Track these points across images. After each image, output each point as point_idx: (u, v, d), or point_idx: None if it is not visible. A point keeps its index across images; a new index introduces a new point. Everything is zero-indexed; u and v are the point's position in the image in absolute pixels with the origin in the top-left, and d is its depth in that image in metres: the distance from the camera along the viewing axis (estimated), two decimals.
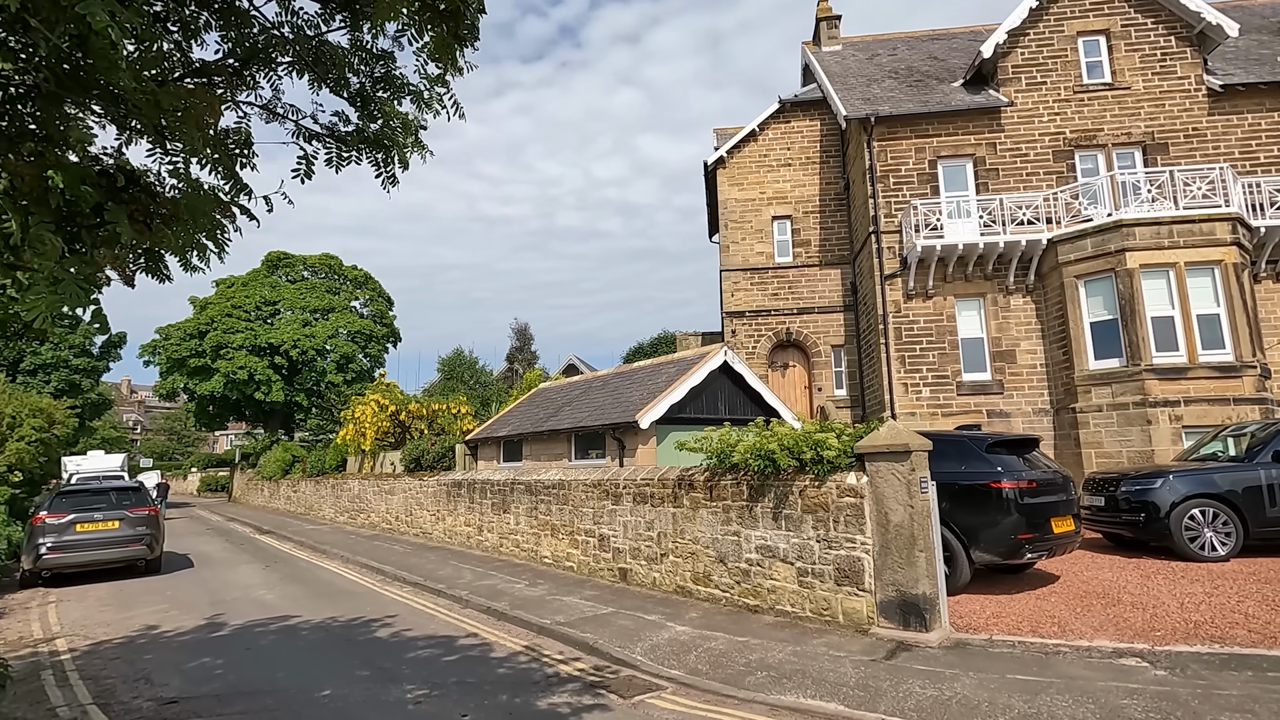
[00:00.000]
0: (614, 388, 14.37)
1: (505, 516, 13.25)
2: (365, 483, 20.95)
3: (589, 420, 13.12)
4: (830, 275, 20.51)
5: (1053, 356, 16.43)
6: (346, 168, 3.29)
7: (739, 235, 20.93)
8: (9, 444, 17.92)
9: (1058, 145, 17.47)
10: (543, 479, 12.19)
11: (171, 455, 76.05)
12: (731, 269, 20.85)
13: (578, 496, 11.20)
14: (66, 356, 34.78)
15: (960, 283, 17.17)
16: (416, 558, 13.57)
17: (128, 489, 13.28)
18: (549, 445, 14.38)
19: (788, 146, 21.15)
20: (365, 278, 48.20)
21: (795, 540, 7.72)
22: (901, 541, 6.84)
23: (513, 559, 12.75)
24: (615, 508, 10.39)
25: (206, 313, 41.19)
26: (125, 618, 9.15)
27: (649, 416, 11.73)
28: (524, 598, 9.43)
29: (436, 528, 16.09)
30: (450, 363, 40.16)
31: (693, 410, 12.71)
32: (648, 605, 8.67)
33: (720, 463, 8.63)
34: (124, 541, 12.46)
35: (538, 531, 12.20)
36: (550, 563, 11.78)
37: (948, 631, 6.81)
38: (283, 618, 8.88)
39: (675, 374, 12.90)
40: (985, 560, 8.17)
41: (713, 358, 12.93)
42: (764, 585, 8.03)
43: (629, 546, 10.08)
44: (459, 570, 11.86)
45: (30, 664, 7.08)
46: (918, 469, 6.93)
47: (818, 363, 20.25)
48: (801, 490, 7.69)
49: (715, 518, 8.71)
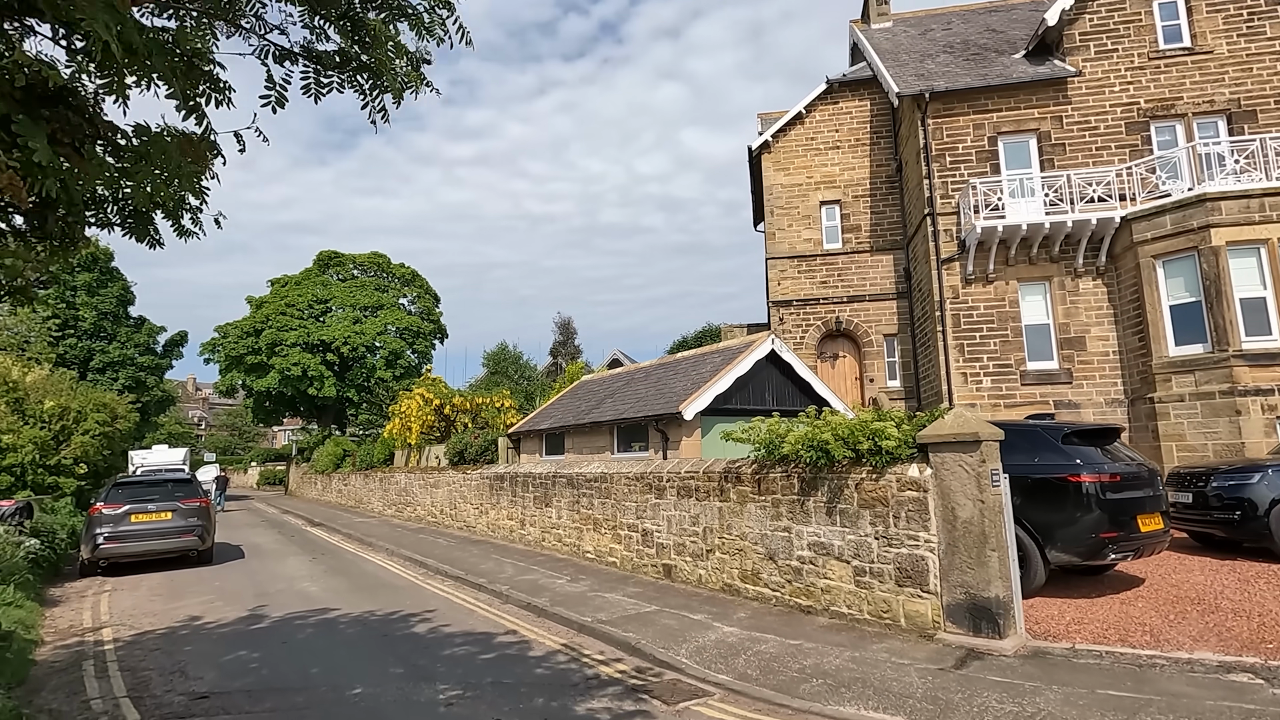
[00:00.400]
0: (657, 379, 13.97)
1: (547, 510, 13.01)
2: (411, 476, 21.08)
3: (631, 412, 12.76)
4: (882, 261, 19.65)
5: (1127, 343, 15.32)
6: (329, 96, 2.90)
7: (785, 222, 20.24)
8: (74, 437, 18.60)
9: (1131, 117, 16.27)
10: (584, 472, 11.89)
11: (233, 450, 78.97)
12: (778, 257, 20.19)
13: (620, 490, 10.85)
14: (132, 355, 36.21)
15: (1024, 266, 16.17)
16: (459, 551, 13.45)
17: (181, 480, 13.52)
18: (591, 438, 14.07)
19: (836, 128, 20.34)
20: (412, 275, 48.93)
21: (851, 537, 7.19)
22: (971, 539, 6.25)
23: (555, 554, 12.49)
24: (658, 502, 9.99)
25: (262, 311, 42.41)
26: (172, 608, 9.20)
27: (693, 408, 11.29)
28: (564, 594, 9.13)
29: (480, 521, 15.99)
30: (495, 357, 40.41)
31: (739, 401, 12.21)
32: (693, 604, 8.26)
33: (769, 454, 8.15)
34: (177, 532, 12.66)
35: (579, 526, 11.91)
36: (592, 558, 11.47)
37: (1023, 639, 6.20)
38: (322, 610, 8.78)
39: (720, 364, 12.42)
40: (1063, 561, 7.49)
41: (759, 346, 12.39)
42: (817, 585, 7.53)
43: (673, 542, 9.67)
44: (500, 565, 11.66)
45: (75, 653, 7.09)
46: (988, 460, 6.32)
47: (869, 353, 19.44)
48: (858, 483, 7.15)
49: (764, 512, 8.23)
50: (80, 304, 35.21)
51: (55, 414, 18.55)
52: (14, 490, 17.28)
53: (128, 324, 37.40)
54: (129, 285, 38.12)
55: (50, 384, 19.67)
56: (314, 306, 43.69)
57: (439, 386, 21.77)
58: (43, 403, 18.36)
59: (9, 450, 17.42)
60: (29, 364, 20.17)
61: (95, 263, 36.19)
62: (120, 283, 37.37)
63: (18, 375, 18.89)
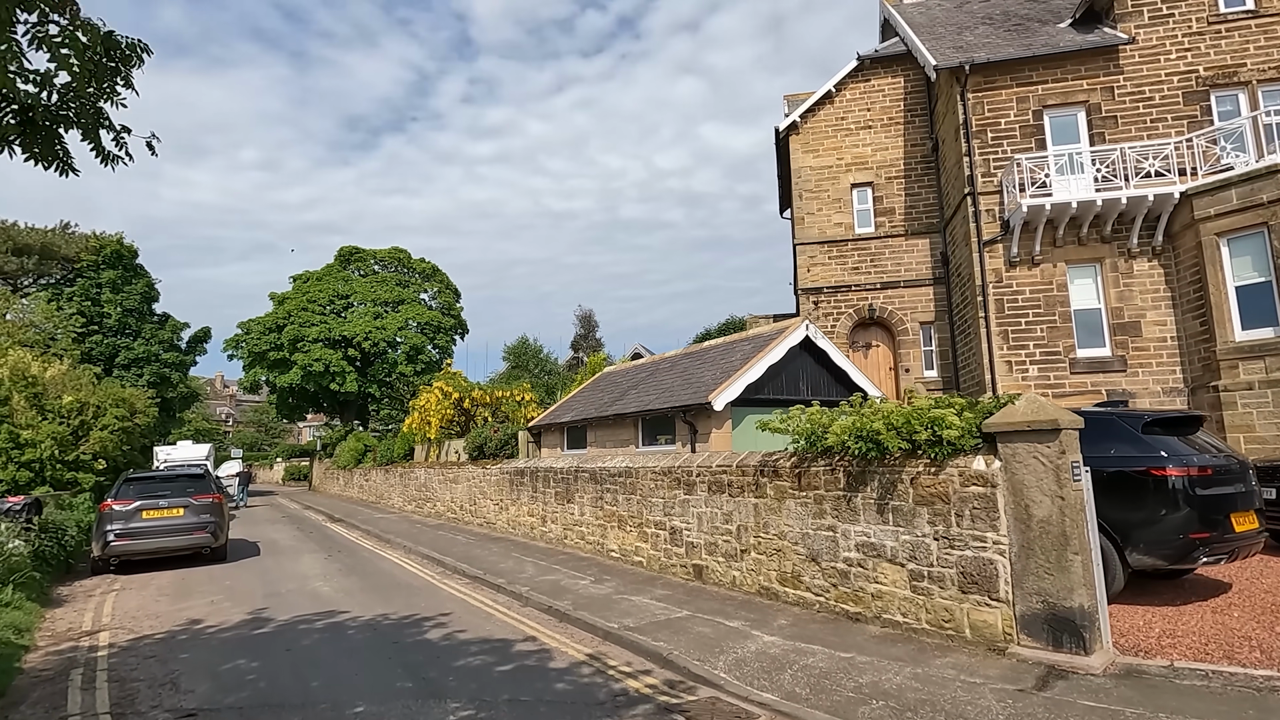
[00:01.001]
0: (683, 369, 13.30)
1: (569, 506, 12.41)
2: (431, 471, 20.65)
3: (657, 403, 12.10)
4: (918, 246, 18.74)
5: (1187, 328, 14.30)
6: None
7: (815, 205, 19.41)
8: (93, 433, 18.43)
9: (1189, 86, 15.20)
10: (608, 467, 11.26)
11: (260, 446, 79.83)
12: (807, 242, 19.36)
13: (646, 485, 10.20)
14: (157, 351, 36.35)
15: (1072, 247, 15.20)
16: (478, 549, 12.92)
17: (193, 476, 13.15)
18: (614, 431, 13.45)
19: (867, 107, 19.44)
20: (433, 270, 48.70)
21: (906, 537, 6.46)
22: (1049, 541, 5.50)
23: (577, 552, 11.90)
24: (688, 498, 9.33)
25: (284, 307, 42.44)
26: (177, 609, 8.75)
27: (723, 398, 10.60)
28: (588, 596, 8.52)
29: (500, 518, 15.46)
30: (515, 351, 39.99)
31: (771, 391, 11.50)
32: (728, 608, 7.59)
33: (811, 446, 7.44)
34: (189, 529, 12.28)
35: (603, 523, 11.29)
36: (617, 557, 10.85)
37: (1111, 655, 5.44)
38: (331, 613, 8.26)
39: (751, 352, 11.71)
40: (1145, 565, 6.69)
41: (793, 333, 11.66)
42: (867, 590, 6.81)
43: (704, 541, 9.01)
44: (520, 564, 11.09)
45: (66, 660, 6.63)
46: (1068, 451, 5.56)
47: (904, 342, 18.56)
48: (913, 478, 6.42)
49: (805, 510, 7.53)
50: (105, 301, 35.41)
51: (74, 409, 18.39)
52: (33, 486, 17.13)
53: (152, 321, 37.57)
54: (153, 282, 38.29)
55: (69, 379, 19.53)
56: (335, 302, 43.64)
57: (458, 380, 21.31)
58: (61, 398, 18.20)
59: (28, 445, 17.26)
60: (49, 359, 20.05)
61: (119, 260, 36.41)
62: (144, 279, 37.54)
63: (37, 370, 18.76)
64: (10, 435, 17.07)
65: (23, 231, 34.75)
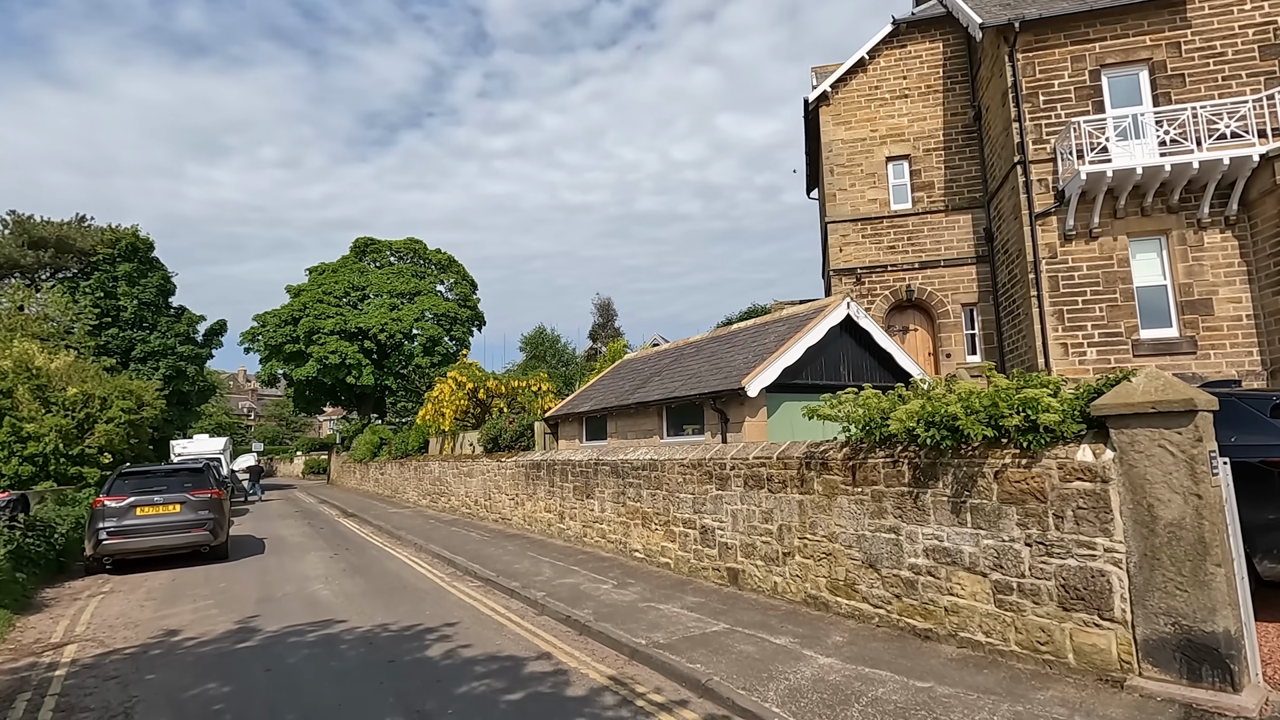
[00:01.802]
0: (710, 353, 12.29)
1: (589, 502, 11.49)
2: (445, 464, 19.88)
3: (683, 390, 11.12)
4: (959, 222, 17.51)
5: (1266, 305, 13.00)
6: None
7: (847, 181, 18.23)
8: (98, 426, 17.88)
9: (1266, 39, 13.81)
10: (631, 459, 10.31)
11: (280, 439, 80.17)
12: (839, 220, 18.21)
13: (673, 479, 9.24)
14: (173, 344, 36.04)
15: (1135, 218, 13.93)
16: (492, 547, 12.07)
17: (191, 470, 12.43)
18: (637, 420, 12.50)
19: (903, 75, 18.20)
20: (449, 261, 48.03)
21: (989, 542, 5.43)
22: (1181, 550, 4.45)
23: (598, 551, 10.98)
24: (721, 493, 8.35)
25: (300, 299, 42.02)
26: (159, 617, 7.97)
27: (758, 383, 9.59)
28: (611, 604, 7.59)
29: (515, 513, 14.60)
30: (532, 340, 39.16)
31: (810, 375, 10.46)
32: (771, 620, 6.62)
33: (868, 434, 6.42)
34: (186, 526, 11.56)
35: (626, 520, 10.36)
36: (642, 557, 9.91)
37: (1263, 691, 4.38)
38: (326, 623, 7.42)
39: (786, 333, 10.67)
40: (1277, 575, 5.60)
41: (833, 311, 10.60)
42: (939, 602, 5.80)
43: (740, 542, 8.03)
44: (537, 564, 10.20)
45: (19, 680, 5.84)
46: (1205, 439, 4.50)
47: (944, 325, 17.38)
48: (998, 471, 5.38)
49: (861, 508, 6.52)
50: (121, 294, 35.14)
51: (78, 401, 17.84)
52: (37, 480, 16.61)
53: (168, 314, 37.27)
54: (169, 275, 37.98)
55: (75, 370, 19.00)
56: (351, 294, 43.14)
57: (473, 370, 20.48)
58: (65, 389, 17.66)
59: (31, 439, 16.74)
60: (55, 350, 19.54)
61: (135, 252, 36.10)
62: (160, 272, 37.23)
63: (42, 362, 18.25)
64: (13, 428, 16.55)
65: (38, 225, 34.55)
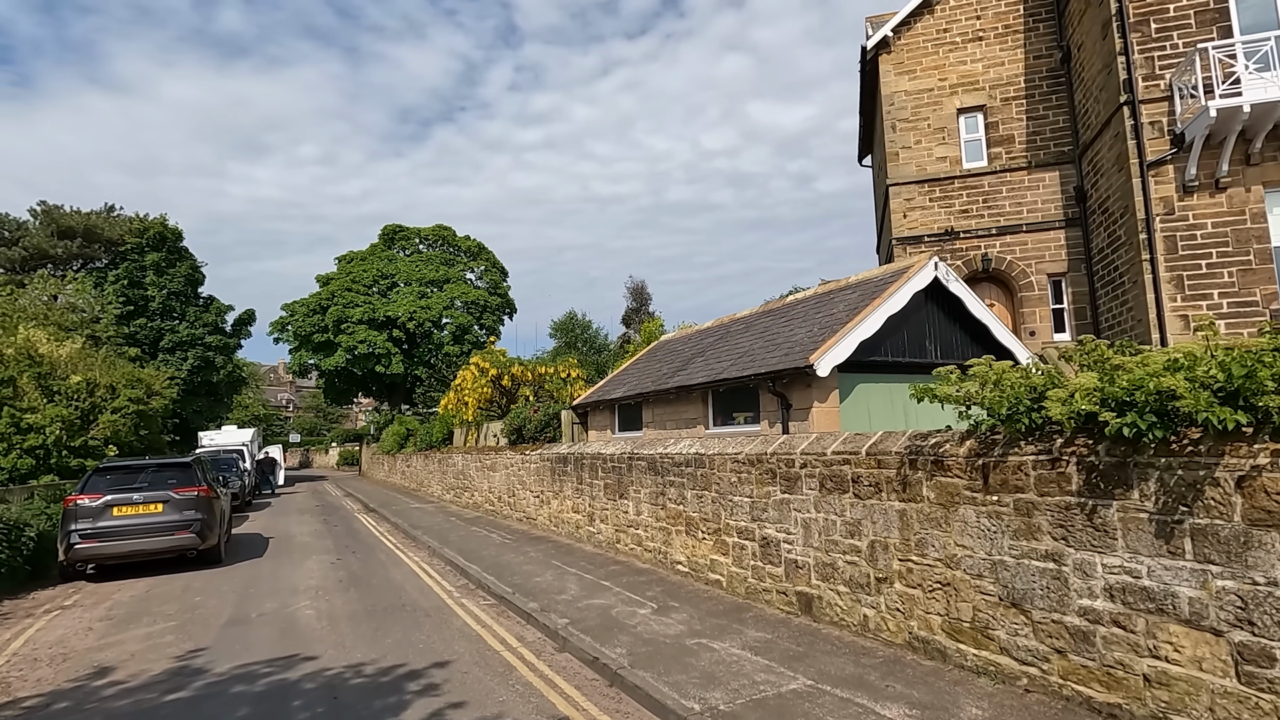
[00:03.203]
0: (764, 328, 10.49)
1: (622, 503, 9.83)
2: (468, 457, 18.45)
3: (733, 371, 9.35)
4: (1043, 180, 15.28)
5: None
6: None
7: (912, 137, 16.12)
8: (103, 416, 16.85)
9: None
10: (672, 453, 8.60)
11: (318, 431, 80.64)
12: (902, 182, 16.13)
13: (725, 479, 7.50)
14: (201, 334, 35.50)
15: (1273, 164, 11.63)
16: (512, 553, 10.51)
17: (176, 465, 11.13)
18: (677, 408, 10.77)
19: (976, 15, 15.98)
20: (479, 248, 46.87)
21: (1227, 584, 3.57)
22: None
23: (634, 560, 9.32)
24: (788, 497, 6.58)
25: (328, 288, 41.29)
26: (99, 646, 6.56)
27: (829, 360, 7.77)
28: (651, 639, 5.91)
29: (540, 513, 13.03)
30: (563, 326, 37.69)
31: (889, 351, 8.61)
32: (869, 674, 4.85)
33: (1009, 422, 4.59)
34: (169, 528, 10.25)
35: (666, 526, 8.66)
36: (686, 571, 8.21)
37: None
38: (289, 661, 5.89)
39: (860, 301, 8.81)
40: None
41: (918, 273, 8.69)
42: (1133, 667, 3.95)
43: (815, 560, 6.26)
44: (561, 577, 8.58)
45: None
46: None
47: (1027, 299, 15.22)
48: (1241, 477, 3.51)
49: (996, 524, 4.69)
50: (149, 283, 34.65)
51: (82, 390, 16.82)
52: (38, 474, 15.62)
53: (196, 304, 36.74)
54: (197, 265, 37.45)
55: (82, 357, 18.02)
56: (379, 282, 42.26)
57: (496, 356, 18.94)
58: (68, 378, 16.65)
59: (32, 431, 15.74)
60: (62, 336, 18.59)
61: (163, 242, 35.59)
62: (188, 262, 36.69)
63: (46, 350, 17.29)
64: (13, 419, 15.57)
65: (67, 214, 34.21)
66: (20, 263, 32.79)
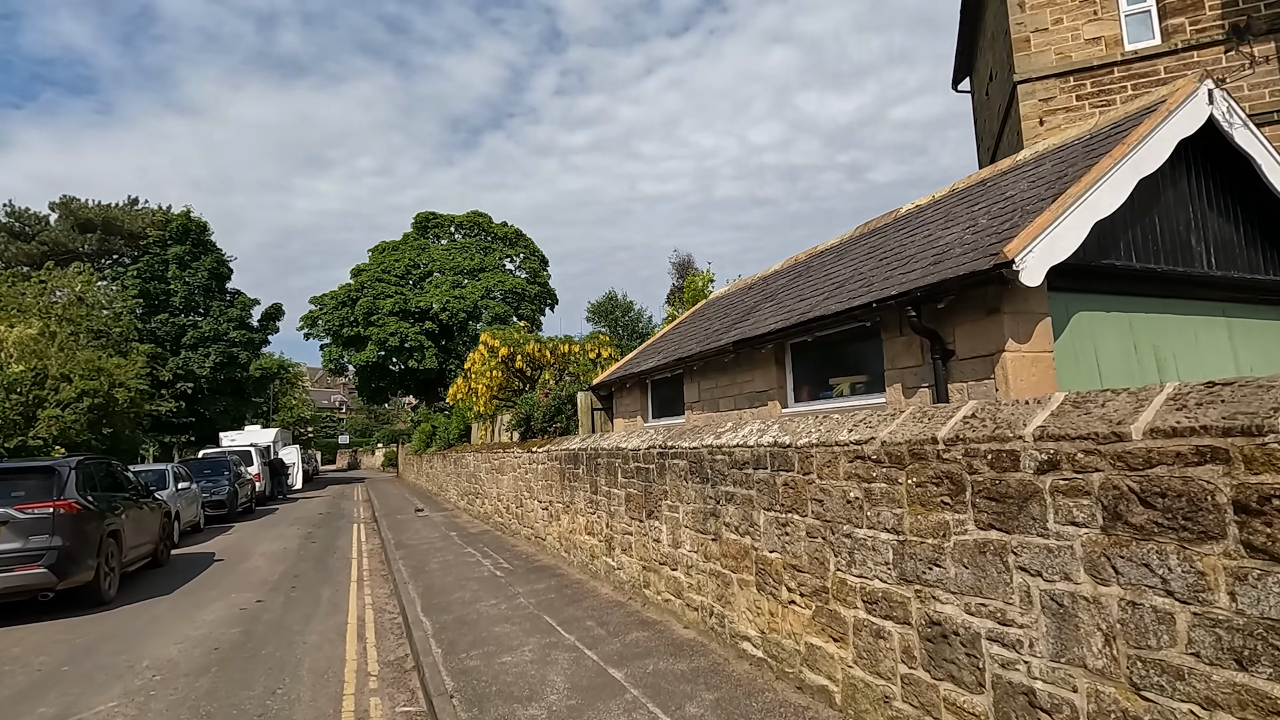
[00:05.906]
0: (872, 248, 6.66)
1: (651, 524, 6.15)
2: (479, 457, 15.13)
3: (831, 304, 5.56)
4: (1255, 57, 10.84)
5: None
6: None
7: (1049, 14, 11.88)
8: (43, 411, 14.19)
9: None
10: (729, 444, 4.86)
11: (369, 432, 79.89)
12: (1036, 76, 11.91)
13: (835, 490, 3.74)
14: (225, 329, 33.57)
15: None
16: (496, 596, 7.02)
17: (32, 470, 8.05)
18: (735, 376, 7.06)
19: None
20: (516, 235, 43.96)
21: None
22: None
23: (671, 620, 5.66)
24: (1003, 538, 2.79)
25: (358, 279, 39.08)
26: None
27: (1042, 253, 3.90)
28: None
29: (549, 530, 9.52)
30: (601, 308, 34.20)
31: (1131, 250, 4.66)
32: None
33: None
34: (8, 560, 7.16)
35: (722, 568, 4.95)
36: (760, 657, 4.50)
37: None
38: None
39: (1065, 171, 4.89)
40: None
41: (1183, 104, 4.69)
42: None
43: (1090, 697, 2.45)
44: (549, 654, 5.01)
45: None
46: None
47: None
48: None
49: None
50: (171, 278, 32.89)
51: (26, 380, 14.22)
52: None
53: (221, 298, 34.89)
54: (224, 258, 35.62)
55: (39, 344, 15.47)
56: (412, 272, 39.77)
57: (508, 333, 15.43)
58: (5, 367, 14.06)
59: None
60: (15, 318, 16.08)
61: (187, 235, 33.81)
62: (214, 255, 34.86)
63: None
64: None
65: (86, 207, 32.77)
66: (39, 258, 31.45)
